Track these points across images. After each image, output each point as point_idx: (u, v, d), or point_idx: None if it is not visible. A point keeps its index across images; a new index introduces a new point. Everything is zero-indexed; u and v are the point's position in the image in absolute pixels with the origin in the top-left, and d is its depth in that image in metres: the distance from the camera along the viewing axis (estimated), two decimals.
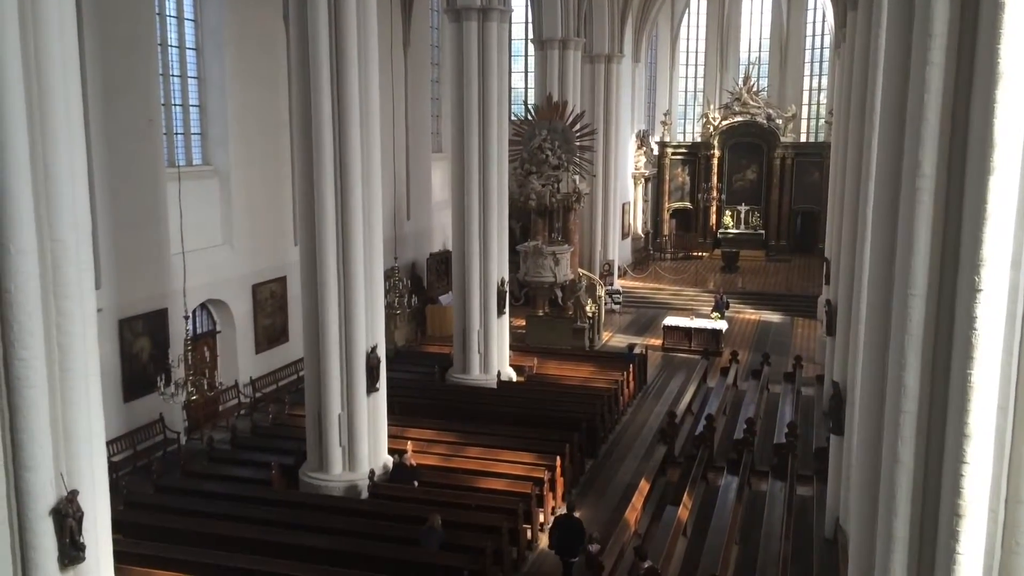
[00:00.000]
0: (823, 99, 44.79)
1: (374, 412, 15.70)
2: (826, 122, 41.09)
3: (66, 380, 8.50)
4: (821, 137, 43.36)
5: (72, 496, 8.50)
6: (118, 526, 11.34)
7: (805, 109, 45.75)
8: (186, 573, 12.31)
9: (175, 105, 20.09)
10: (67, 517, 8.47)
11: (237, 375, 21.19)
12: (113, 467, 14.89)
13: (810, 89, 46.07)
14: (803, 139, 44.57)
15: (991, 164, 6.04)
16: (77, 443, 8.69)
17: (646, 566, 12.12)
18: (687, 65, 47.88)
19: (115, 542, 9.81)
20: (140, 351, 18.16)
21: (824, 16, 42.83)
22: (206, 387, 14.12)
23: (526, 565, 14.19)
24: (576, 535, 13.51)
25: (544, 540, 15.01)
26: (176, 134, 20.13)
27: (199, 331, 20.26)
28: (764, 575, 12.73)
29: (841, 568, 12.20)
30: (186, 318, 14.04)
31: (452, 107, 21.48)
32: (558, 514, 14.71)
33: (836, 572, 12.75)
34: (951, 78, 6.47)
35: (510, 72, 26.76)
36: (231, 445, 17.93)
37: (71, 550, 8.56)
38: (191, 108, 20.62)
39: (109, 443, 14.34)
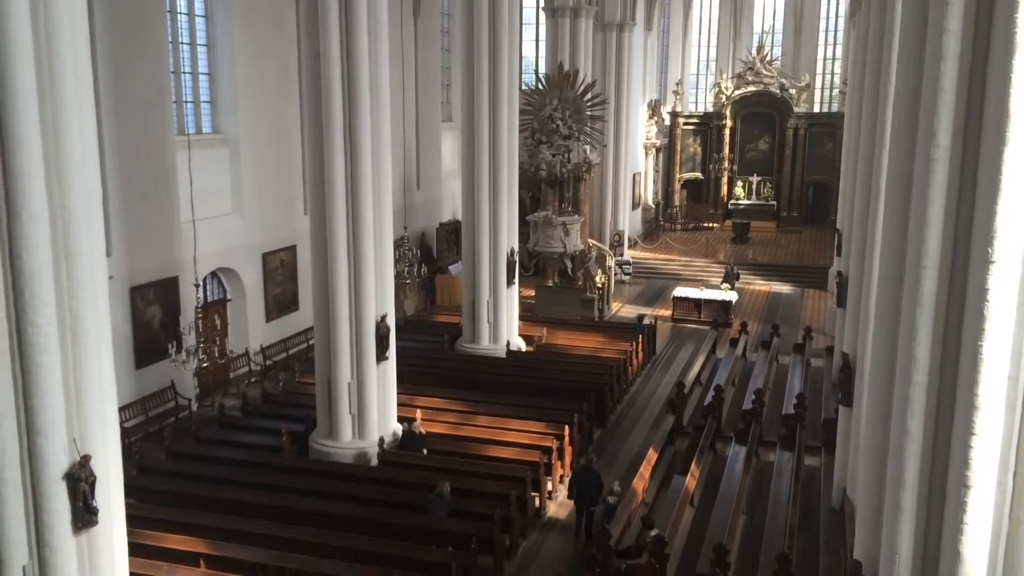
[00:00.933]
0: (837, 68, 44.32)
1: (384, 380, 15.78)
2: (840, 92, 40.66)
3: (78, 346, 8.56)
4: (835, 107, 42.94)
5: (85, 461, 8.59)
6: (130, 491, 11.45)
7: (819, 79, 45.26)
8: (197, 537, 12.46)
9: (185, 73, 20.04)
10: (80, 481, 8.57)
11: (248, 343, 21.30)
12: (125, 433, 15.05)
13: (824, 58, 45.56)
14: (816, 109, 44.13)
15: (1006, 135, 5.98)
16: (89, 409, 8.76)
17: (653, 534, 12.21)
18: (700, 34, 47.39)
19: (127, 506, 9.92)
20: (151, 318, 18.26)
21: None
22: (217, 355, 14.22)
23: (534, 532, 14.31)
24: (594, 486, 13.98)
25: (552, 508, 15.13)
26: (186, 102, 20.09)
27: (210, 299, 20.35)
28: (770, 544, 12.79)
29: (847, 538, 12.27)
30: (196, 286, 14.12)
31: (462, 76, 21.33)
32: (577, 466, 14.97)
33: (842, 542, 12.82)
34: (968, 47, 6.39)
35: (521, 41, 26.53)
36: (242, 412, 18.08)
37: (84, 514, 8.67)
38: (200, 76, 20.55)
39: (121, 409, 14.47)
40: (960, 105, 6.44)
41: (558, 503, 15.34)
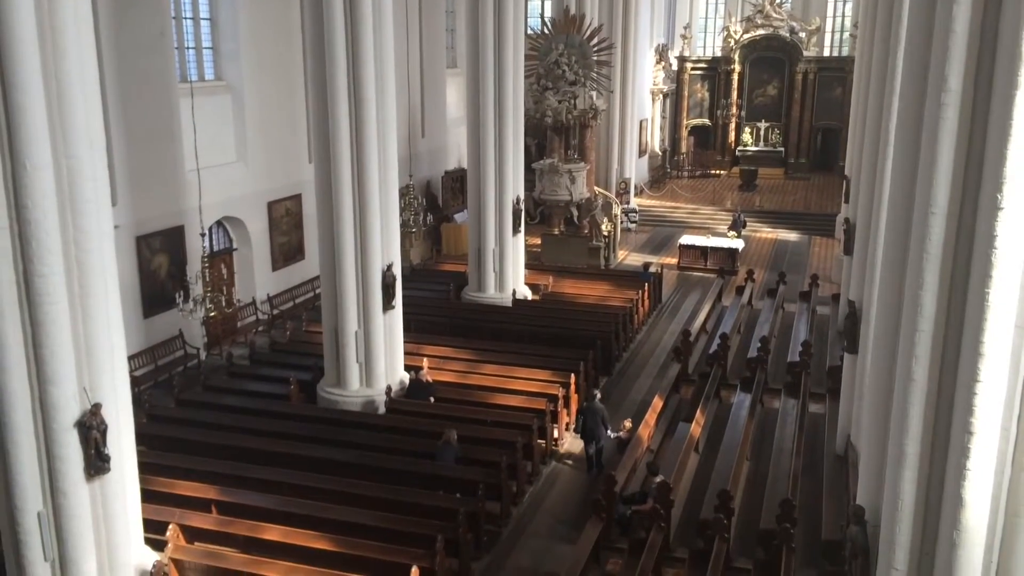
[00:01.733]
0: (848, 12, 43.55)
1: (390, 329, 15.84)
2: (851, 35, 40.00)
3: (86, 296, 8.61)
4: (845, 51, 42.30)
5: (96, 409, 8.70)
6: (141, 438, 11.60)
7: (829, 22, 44.52)
8: (207, 483, 12.64)
9: (186, 19, 19.77)
10: (91, 429, 8.69)
11: (254, 292, 21.36)
12: (135, 381, 15.16)
13: (835, 1, 44.77)
14: (826, 53, 43.48)
15: (1018, 79, 5.90)
16: (99, 358, 8.84)
17: (658, 480, 12.35)
18: None
19: (139, 454, 10.07)
20: (158, 268, 18.30)
21: None
22: (224, 304, 14.27)
23: (540, 479, 14.47)
24: (599, 421, 14.65)
25: (562, 448, 15.28)
26: (187, 48, 19.86)
27: (216, 248, 20.37)
28: (774, 490, 12.94)
29: (850, 483, 12.39)
30: (202, 235, 14.11)
31: (467, 21, 21.04)
32: (583, 403, 15.36)
33: (845, 488, 12.95)
34: None
35: None
36: (250, 361, 18.20)
37: (96, 461, 8.81)
38: (202, 22, 20.28)
39: (130, 358, 14.59)
40: (972, 49, 6.33)
41: (565, 450, 15.49)
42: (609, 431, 14.81)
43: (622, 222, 30.43)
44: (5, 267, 8.09)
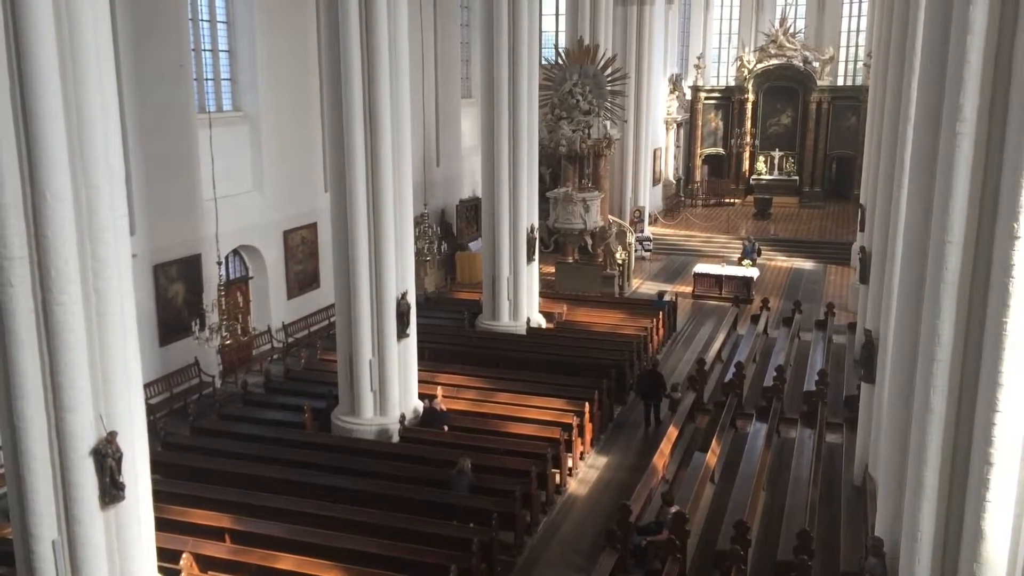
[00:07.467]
0: (862, 41, 43.64)
1: (404, 357, 15.85)
2: (864, 64, 40.08)
3: (103, 324, 8.66)
4: (859, 80, 42.34)
5: (111, 437, 8.72)
6: (156, 466, 11.60)
7: (843, 51, 44.61)
8: (222, 512, 12.62)
9: (205, 50, 20.05)
10: (107, 457, 8.70)
11: (270, 320, 21.44)
12: (150, 409, 15.20)
13: (848, 31, 44.89)
14: (840, 82, 43.52)
15: None
16: (115, 386, 8.87)
17: (673, 511, 12.25)
18: (722, 6, 46.78)
19: (153, 482, 10.06)
20: (175, 296, 18.41)
21: None
22: (239, 332, 14.36)
23: (554, 509, 14.38)
24: (657, 385, 17.27)
25: (573, 485, 15.19)
26: (206, 80, 20.12)
27: (232, 277, 20.49)
28: (791, 521, 12.79)
29: (869, 515, 12.24)
30: (219, 264, 14.23)
31: (482, 51, 21.21)
32: (642, 368, 18.05)
33: (864, 519, 12.79)
34: (995, 17, 6.28)
35: (541, 15, 26.29)
36: (265, 389, 18.24)
37: (111, 489, 8.81)
38: (221, 53, 20.57)
39: (146, 386, 14.62)
40: (986, 78, 6.34)
41: (579, 479, 15.40)
42: (666, 392, 17.21)
43: (636, 250, 30.43)
44: (24, 296, 8.15)
